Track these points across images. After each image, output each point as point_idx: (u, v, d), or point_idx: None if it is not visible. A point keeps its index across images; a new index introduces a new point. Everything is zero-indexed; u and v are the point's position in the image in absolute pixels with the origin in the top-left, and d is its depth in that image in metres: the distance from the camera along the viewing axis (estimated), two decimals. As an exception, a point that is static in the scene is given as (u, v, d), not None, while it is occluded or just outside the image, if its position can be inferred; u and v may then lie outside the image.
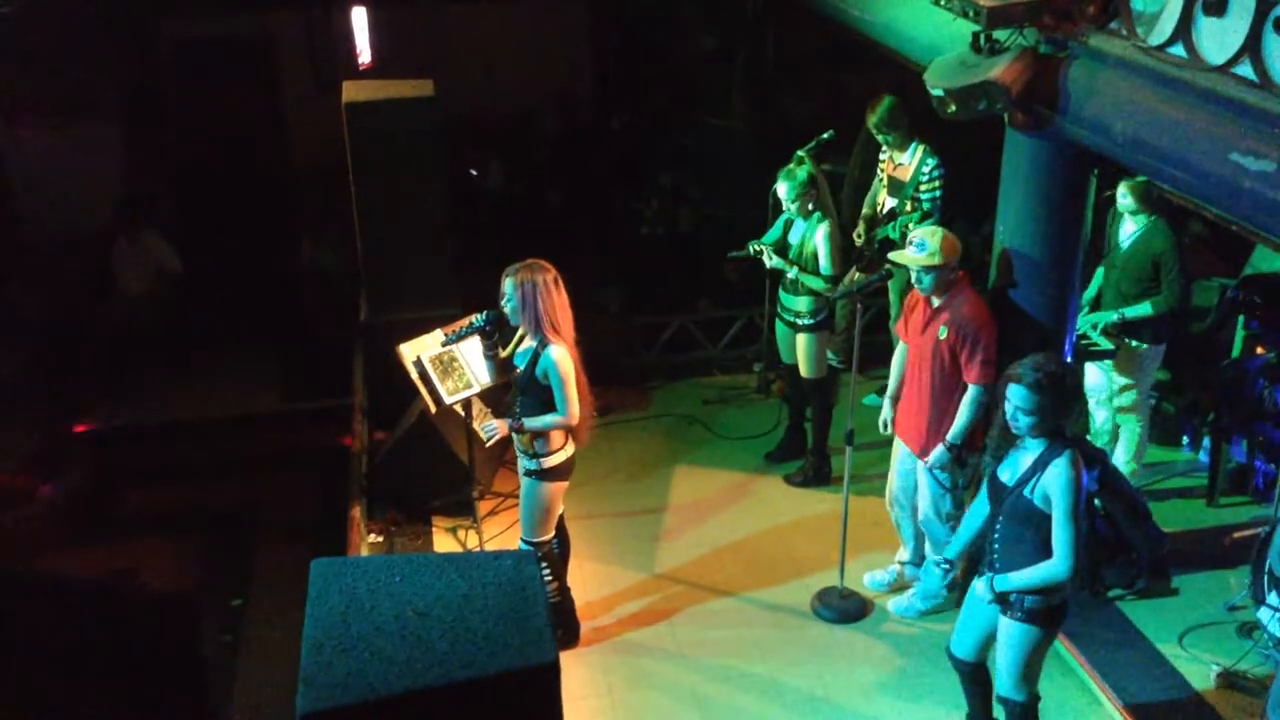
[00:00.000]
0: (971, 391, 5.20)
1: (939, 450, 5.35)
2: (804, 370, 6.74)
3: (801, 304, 6.58)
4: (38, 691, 6.04)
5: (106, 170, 10.31)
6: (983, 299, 5.28)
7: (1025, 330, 5.22)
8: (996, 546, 4.38)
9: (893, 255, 5.37)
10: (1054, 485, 4.15)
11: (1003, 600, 4.36)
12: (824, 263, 6.39)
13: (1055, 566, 4.19)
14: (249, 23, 10.77)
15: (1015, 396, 4.18)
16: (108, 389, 9.01)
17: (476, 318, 5.22)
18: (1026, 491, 4.22)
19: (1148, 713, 5.16)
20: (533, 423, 5.13)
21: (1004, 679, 4.51)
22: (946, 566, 4.74)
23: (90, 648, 6.22)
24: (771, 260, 6.55)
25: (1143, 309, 6.14)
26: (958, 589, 5.67)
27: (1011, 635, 4.40)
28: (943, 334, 5.22)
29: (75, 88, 10.11)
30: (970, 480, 5.42)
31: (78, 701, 6.02)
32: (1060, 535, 4.17)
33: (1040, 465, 4.20)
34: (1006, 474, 4.34)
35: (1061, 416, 4.20)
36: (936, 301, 5.27)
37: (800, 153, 6.55)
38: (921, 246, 5.16)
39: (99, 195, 9.98)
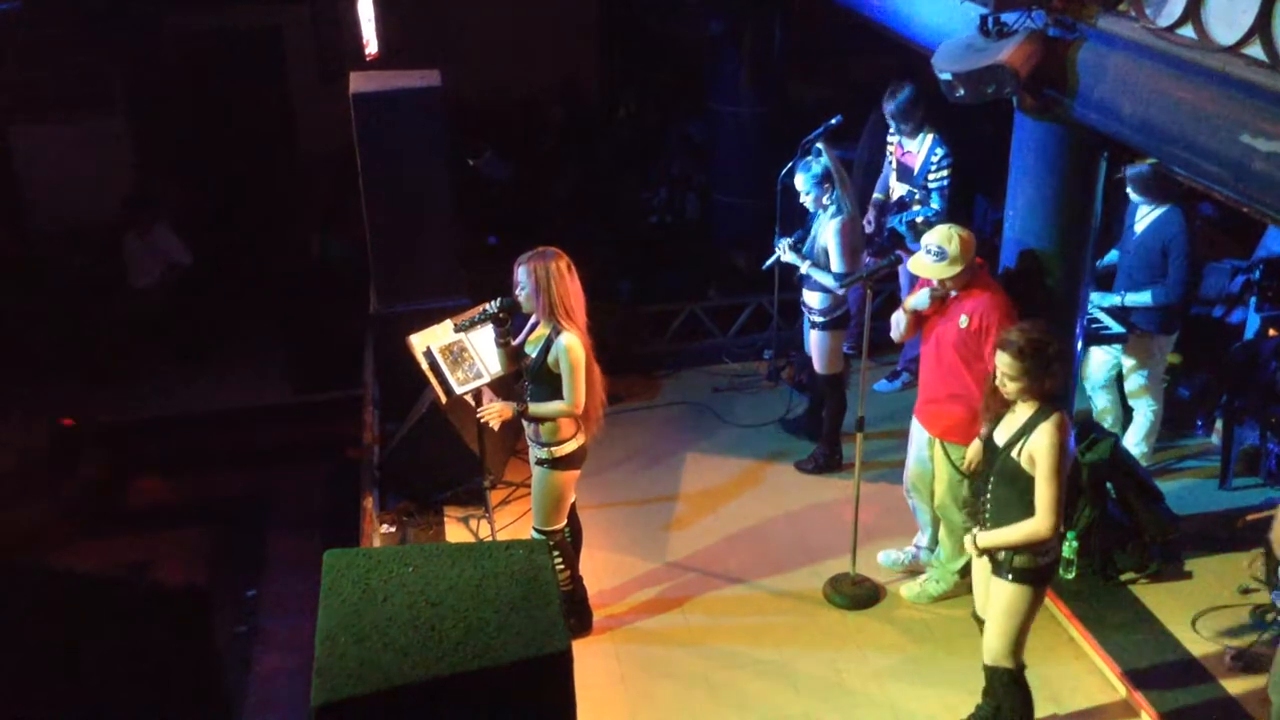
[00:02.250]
0: None
1: (974, 445, 5.30)
2: (817, 366, 6.73)
3: (815, 300, 6.55)
4: (53, 683, 6.08)
5: (114, 163, 10.34)
6: (1003, 293, 5.22)
7: (1035, 315, 5.19)
8: (989, 506, 4.51)
9: (912, 267, 5.28)
10: (1038, 446, 4.29)
11: (993, 562, 4.50)
12: (835, 260, 6.32)
13: (1036, 525, 4.32)
14: (255, 14, 10.78)
15: (1002, 363, 4.34)
16: (120, 382, 9.05)
17: (490, 305, 5.22)
18: (1014, 453, 4.36)
19: (1160, 696, 5.15)
20: (538, 408, 5.14)
21: (992, 644, 4.60)
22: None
23: (105, 640, 6.26)
24: (786, 255, 6.53)
25: (1143, 297, 6.14)
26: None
27: (1002, 596, 4.51)
28: (963, 322, 5.20)
29: (82, 81, 10.13)
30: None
31: (93, 693, 6.06)
32: (1042, 494, 4.30)
33: (1028, 428, 4.34)
34: (999, 434, 4.47)
35: (1047, 381, 4.32)
36: (955, 290, 5.25)
37: (818, 145, 6.47)
38: (940, 255, 5.12)
39: (107, 188, 10.01)
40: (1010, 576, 4.46)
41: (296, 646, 6.33)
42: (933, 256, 5.15)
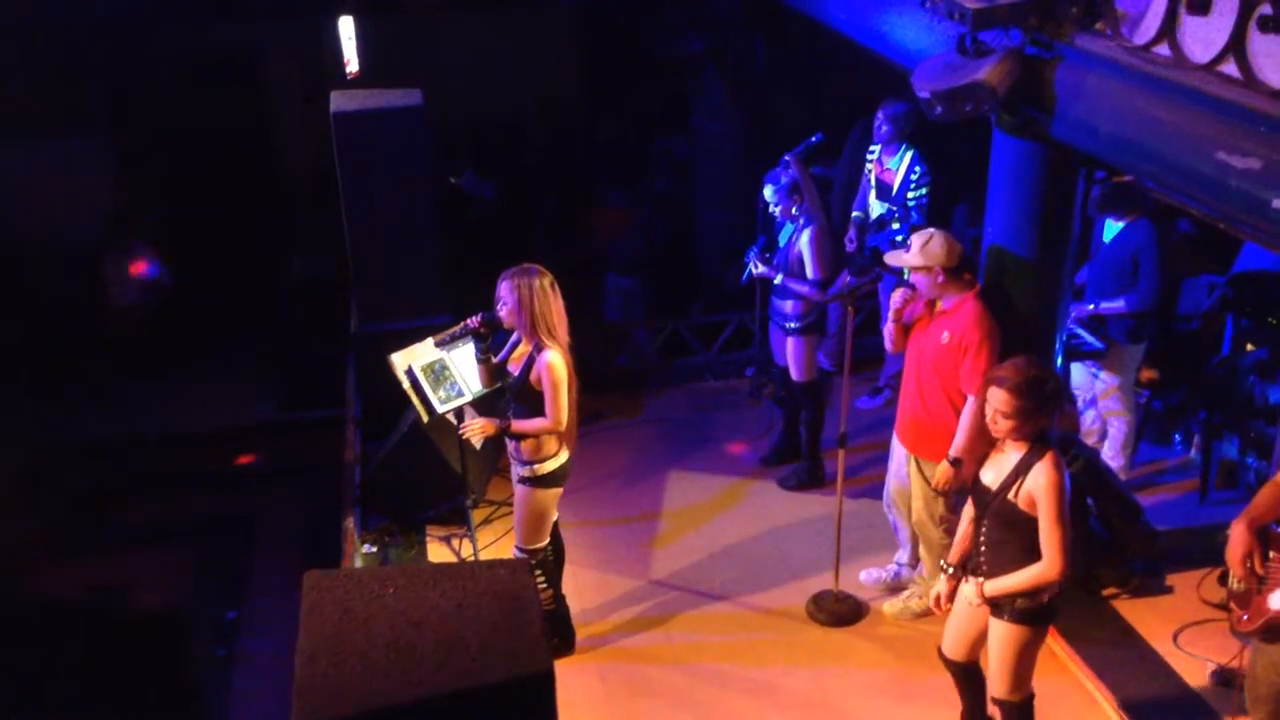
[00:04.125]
0: (970, 404, 5.18)
1: (942, 465, 5.33)
2: (793, 373, 6.76)
3: (788, 307, 6.59)
4: (32, 706, 6.01)
5: (94, 182, 10.29)
6: (988, 309, 5.23)
7: (1014, 331, 5.23)
8: (984, 550, 4.39)
9: (887, 257, 5.39)
10: (1038, 489, 4.16)
11: (993, 603, 4.37)
12: (809, 268, 6.39)
13: (1045, 569, 4.19)
14: (236, 34, 10.76)
15: (995, 399, 4.20)
16: (99, 401, 8.99)
17: (470, 321, 5.23)
18: (1011, 496, 4.23)
19: (1143, 710, 5.16)
20: (521, 425, 5.13)
21: (998, 680, 4.51)
22: (950, 571, 4.67)
23: (84, 661, 6.20)
24: (758, 269, 6.58)
25: (1115, 304, 6.20)
26: None
27: (1003, 637, 4.40)
28: (944, 338, 5.22)
29: (63, 99, 10.09)
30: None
31: (72, 713, 6.00)
32: (1049, 537, 4.16)
33: (1022, 469, 4.20)
34: (989, 476, 4.35)
35: (1042, 421, 4.21)
36: (941, 305, 5.28)
37: (786, 157, 6.54)
38: (913, 247, 5.20)
39: (87, 207, 9.96)
40: (1011, 617, 4.33)
41: (277, 668, 6.28)
42: (906, 248, 5.22)
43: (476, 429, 5.24)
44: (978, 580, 4.39)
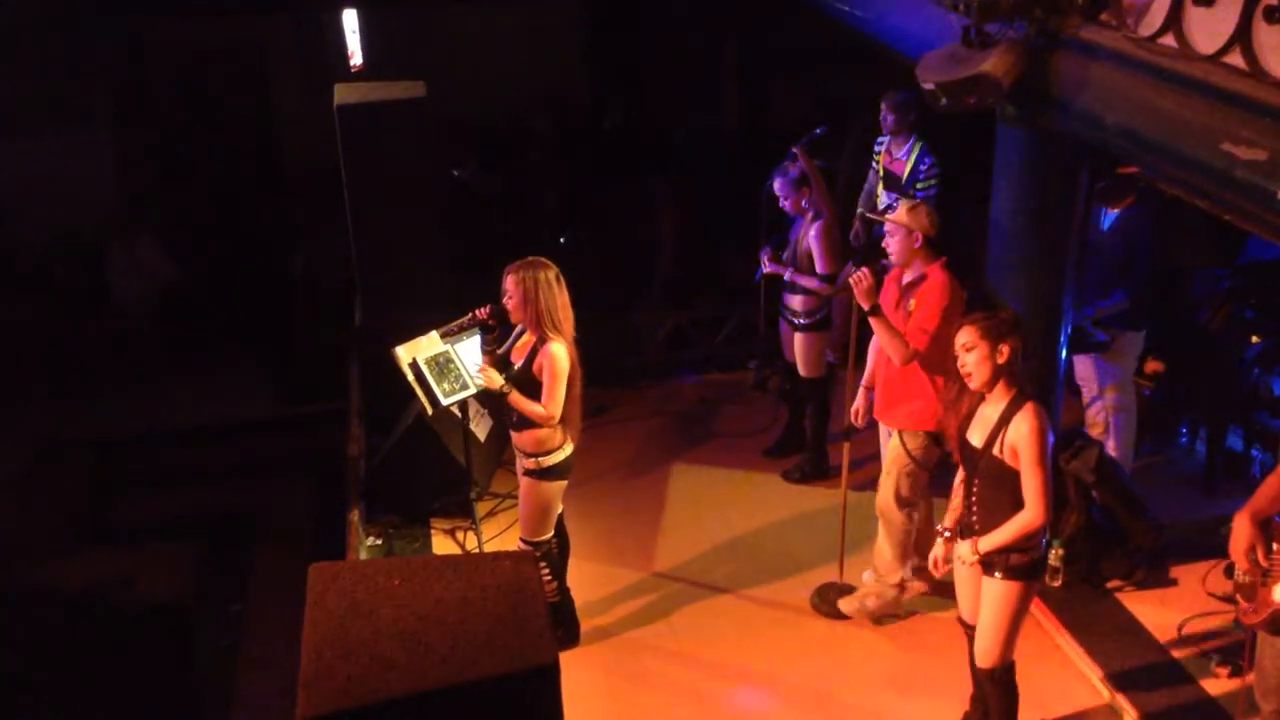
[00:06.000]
0: (907, 348, 5.21)
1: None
2: (801, 369, 6.76)
3: (797, 303, 6.59)
4: (35, 700, 6.03)
5: (98, 177, 10.30)
6: (953, 281, 5.23)
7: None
8: (975, 509, 4.45)
9: (874, 214, 5.49)
10: (1018, 435, 4.25)
11: (985, 562, 4.44)
12: (818, 261, 6.39)
13: (1029, 516, 4.28)
14: (239, 27, 10.76)
15: (960, 341, 4.29)
16: (103, 396, 9.01)
17: (477, 312, 5.24)
18: (995, 450, 4.32)
19: (1147, 703, 5.16)
20: (518, 399, 5.11)
21: (986, 644, 4.55)
22: (947, 535, 4.71)
23: (88, 655, 6.21)
24: (768, 267, 6.58)
25: (1114, 301, 6.18)
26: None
27: (996, 594, 4.46)
28: (911, 307, 5.27)
29: (65, 94, 10.10)
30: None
31: (75, 710, 6.01)
32: (1029, 483, 4.25)
33: (1003, 422, 4.29)
34: (975, 436, 4.42)
35: (1009, 343, 4.24)
36: (908, 277, 5.31)
37: (793, 150, 6.55)
38: (897, 209, 5.32)
39: (91, 202, 9.98)
40: (1002, 574, 4.41)
41: (282, 661, 6.29)
42: (893, 209, 5.33)
43: (482, 382, 5.26)
44: (971, 540, 4.45)
